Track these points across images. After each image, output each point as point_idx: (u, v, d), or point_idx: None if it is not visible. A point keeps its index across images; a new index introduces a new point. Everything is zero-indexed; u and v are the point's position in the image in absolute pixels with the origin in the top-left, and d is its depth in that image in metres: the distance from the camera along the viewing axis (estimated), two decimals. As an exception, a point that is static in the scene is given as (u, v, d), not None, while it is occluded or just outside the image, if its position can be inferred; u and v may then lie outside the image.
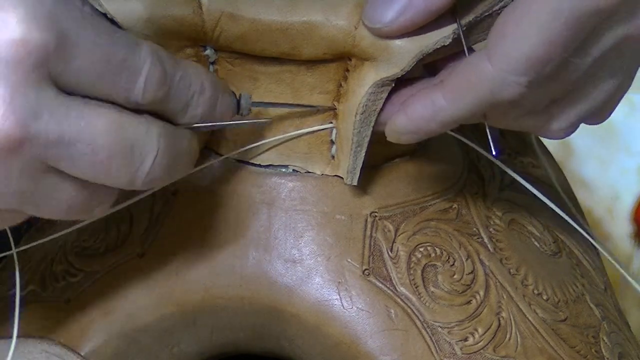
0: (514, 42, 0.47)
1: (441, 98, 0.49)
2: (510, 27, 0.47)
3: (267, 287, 0.56)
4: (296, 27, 0.52)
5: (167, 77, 0.47)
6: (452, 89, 0.49)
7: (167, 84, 0.47)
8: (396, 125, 0.52)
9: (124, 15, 0.51)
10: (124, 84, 0.45)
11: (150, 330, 0.57)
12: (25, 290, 0.58)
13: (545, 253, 0.60)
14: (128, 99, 0.46)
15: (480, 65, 0.48)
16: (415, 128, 0.51)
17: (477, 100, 0.48)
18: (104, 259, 0.57)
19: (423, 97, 0.50)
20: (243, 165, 0.57)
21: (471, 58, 0.49)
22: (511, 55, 0.47)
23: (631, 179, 1.30)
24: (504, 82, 0.47)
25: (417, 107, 0.50)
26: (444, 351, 0.54)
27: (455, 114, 0.50)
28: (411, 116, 0.51)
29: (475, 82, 0.48)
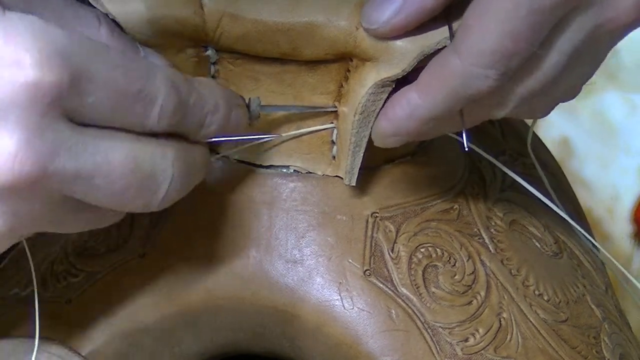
0: (478, 36, 0.47)
1: (416, 96, 0.50)
2: (474, 21, 0.47)
3: (268, 288, 0.56)
4: (297, 27, 0.52)
5: (182, 103, 0.47)
6: (425, 85, 0.50)
7: (181, 110, 0.47)
8: (378, 129, 0.52)
9: (125, 16, 0.51)
10: (139, 114, 0.45)
11: (151, 331, 0.57)
12: (26, 290, 0.58)
13: (546, 254, 0.60)
14: (143, 127, 0.46)
15: (449, 60, 0.48)
16: (396, 129, 0.51)
17: (450, 95, 0.49)
18: (105, 259, 0.57)
19: (399, 98, 0.51)
20: (244, 165, 0.57)
21: (441, 54, 0.49)
22: (477, 49, 0.47)
23: (631, 179, 1.30)
24: (472, 75, 0.48)
25: (395, 108, 0.51)
26: (444, 352, 0.54)
27: (430, 111, 0.50)
28: (390, 118, 0.51)
29: (445, 77, 0.49)
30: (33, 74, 0.41)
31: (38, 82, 0.41)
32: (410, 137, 0.52)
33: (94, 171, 0.44)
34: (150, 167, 0.46)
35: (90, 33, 0.47)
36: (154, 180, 0.46)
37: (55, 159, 0.43)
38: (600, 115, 1.33)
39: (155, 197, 0.47)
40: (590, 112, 1.33)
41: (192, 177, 0.49)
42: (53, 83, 0.42)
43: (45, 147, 0.42)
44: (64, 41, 0.42)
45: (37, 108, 0.42)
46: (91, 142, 0.44)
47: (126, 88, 0.44)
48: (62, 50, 0.42)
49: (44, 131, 0.42)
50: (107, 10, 0.51)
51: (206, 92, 0.49)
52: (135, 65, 0.45)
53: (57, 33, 0.42)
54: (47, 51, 0.42)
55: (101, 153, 0.44)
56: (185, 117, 0.48)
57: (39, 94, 0.41)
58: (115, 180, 0.45)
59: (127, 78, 0.44)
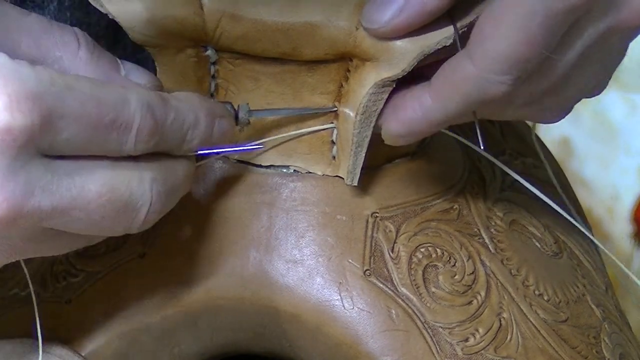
0: (493, 43, 0.47)
1: (429, 99, 0.50)
2: (489, 28, 0.47)
3: (268, 288, 0.56)
4: (297, 27, 0.52)
5: (159, 125, 0.47)
6: (439, 89, 0.50)
7: (158, 131, 0.47)
8: (389, 129, 0.52)
9: (125, 16, 0.51)
10: (115, 142, 0.45)
11: (151, 331, 0.57)
12: (25, 290, 0.58)
13: (546, 254, 0.60)
14: (120, 152, 0.46)
15: (464, 66, 0.48)
16: (407, 130, 0.51)
17: (464, 99, 0.49)
18: (105, 259, 0.57)
19: (411, 99, 0.51)
20: (244, 165, 0.57)
21: (454, 59, 0.49)
22: (491, 56, 0.47)
23: (631, 179, 1.30)
24: (487, 81, 0.48)
25: (407, 109, 0.51)
26: (444, 352, 0.54)
27: (444, 114, 0.50)
28: (402, 119, 0.51)
29: (459, 82, 0.49)
30: (3, 119, 0.41)
31: (8, 127, 0.41)
32: (421, 137, 0.52)
33: (70, 205, 0.44)
34: (128, 193, 0.46)
35: (69, 57, 0.47)
36: (132, 206, 0.46)
37: (30, 199, 0.43)
38: (600, 115, 1.33)
39: (136, 222, 0.47)
40: (591, 112, 1.33)
41: (175, 193, 0.49)
42: (24, 126, 0.42)
43: (19, 189, 0.42)
44: (34, 82, 0.42)
45: (8, 152, 0.42)
46: (65, 175, 0.44)
47: (99, 119, 0.44)
48: (32, 92, 0.42)
49: (17, 173, 0.42)
50: (107, 11, 0.51)
51: (185, 108, 0.49)
52: (108, 94, 0.45)
53: (27, 74, 0.42)
54: (17, 94, 0.41)
55: (76, 186, 0.44)
56: (164, 137, 0.47)
57: (9, 138, 0.41)
58: (93, 210, 0.45)
59: (100, 109, 0.44)
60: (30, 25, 0.46)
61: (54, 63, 0.46)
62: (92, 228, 0.46)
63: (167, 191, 0.48)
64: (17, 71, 0.42)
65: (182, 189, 0.50)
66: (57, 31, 0.47)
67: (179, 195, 0.50)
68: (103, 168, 0.45)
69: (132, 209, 0.46)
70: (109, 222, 0.46)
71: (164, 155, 0.48)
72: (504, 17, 0.47)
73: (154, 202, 0.47)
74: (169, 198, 0.49)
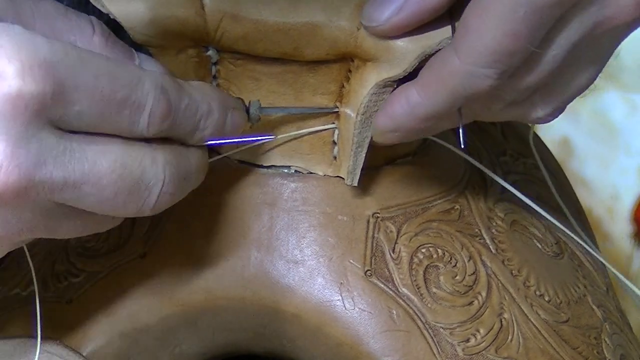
0: (477, 36, 0.47)
1: (415, 94, 0.50)
2: (473, 20, 0.47)
3: (269, 288, 0.56)
4: (298, 27, 0.52)
5: (172, 108, 0.47)
6: (425, 84, 0.50)
7: (171, 115, 0.47)
8: (377, 125, 0.52)
9: (126, 16, 0.51)
10: (127, 120, 0.45)
11: (151, 331, 0.57)
12: (26, 290, 0.58)
13: (547, 254, 0.60)
14: (132, 133, 0.46)
15: (449, 60, 0.48)
16: (396, 126, 0.51)
17: (450, 93, 0.49)
18: (106, 259, 0.57)
19: (399, 94, 0.51)
20: (245, 165, 0.57)
21: (441, 53, 0.49)
22: (476, 49, 0.47)
23: (631, 179, 1.30)
24: (472, 75, 0.48)
25: (394, 104, 0.51)
26: (445, 352, 0.54)
27: (430, 109, 0.50)
28: (390, 114, 0.51)
29: (445, 76, 0.49)
30: (15, 84, 0.41)
31: (20, 92, 0.41)
32: (409, 133, 0.52)
33: (82, 178, 0.44)
34: (140, 172, 0.46)
35: (84, 41, 0.47)
36: (144, 185, 0.46)
37: (42, 168, 0.43)
38: (600, 115, 1.33)
39: (148, 202, 0.47)
40: (591, 112, 1.33)
41: (187, 180, 0.49)
42: (36, 93, 0.42)
43: (31, 157, 0.42)
44: (47, 51, 0.42)
45: (20, 118, 0.42)
46: (78, 149, 0.44)
47: (112, 95, 0.44)
48: (46, 60, 0.42)
49: (28, 141, 0.42)
50: (109, 11, 0.51)
51: (199, 96, 0.49)
52: (122, 72, 0.45)
53: (41, 43, 0.42)
54: (30, 61, 0.41)
55: (89, 160, 0.44)
56: (177, 122, 0.47)
57: (21, 104, 0.41)
58: (105, 186, 0.45)
59: (113, 85, 0.44)
60: (44, 9, 0.46)
61: None
62: (104, 205, 0.46)
63: (179, 175, 0.48)
64: (31, 39, 0.42)
65: (194, 180, 0.50)
66: (73, 16, 0.47)
67: (191, 185, 0.50)
68: (115, 145, 0.45)
69: (144, 187, 0.46)
70: (121, 200, 0.46)
71: (177, 143, 0.48)
72: (489, 9, 0.47)
73: (167, 183, 0.47)
74: (182, 183, 0.48)
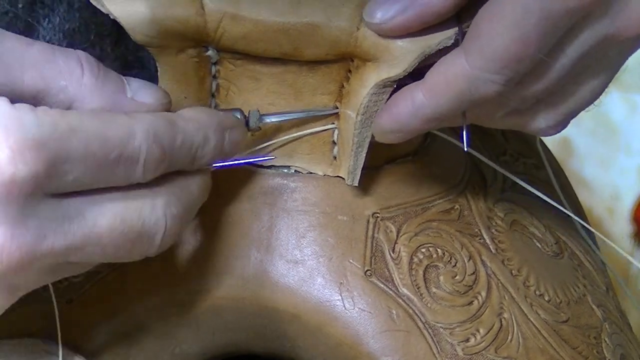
0: (487, 41, 0.47)
1: (421, 95, 0.50)
2: (484, 25, 0.47)
3: (269, 288, 0.56)
4: (298, 27, 0.52)
5: (166, 152, 0.46)
6: (431, 86, 0.49)
7: (166, 159, 0.46)
8: (380, 124, 0.52)
9: (126, 17, 0.51)
10: (122, 175, 0.45)
11: (152, 331, 0.57)
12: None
13: (547, 254, 0.60)
14: (129, 183, 0.45)
15: (457, 63, 0.48)
16: (398, 126, 0.51)
17: (455, 97, 0.49)
18: (106, 259, 0.57)
19: (404, 95, 0.51)
20: (245, 165, 0.57)
21: (449, 56, 0.49)
22: (485, 54, 0.47)
23: (631, 179, 1.30)
24: (479, 79, 0.48)
25: (399, 104, 0.51)
26: (445, 352, 0.54)
27: (435, 111, 0.50)
28: (394, 114, 0.51)
29: (452, 79, 0.48)
30: (7, 171, 0.41)
31: (13, 178, 0.41)
32: (411, 134, 0.52)
33: (83, 242, 0.44)
34: (140, 223, 0.46)
35: (74, 85, 0.46)
36: (146, 235, 0.46)
37: (43, 242, 0.43)
38: (600, 115, 1.33)
39: (151, 247, 0.47)
40: (591, 112, 1.33)
41: (192, 210, 0.49)
42: (29, 176, 0.41)
43: (30, 234, 0.42)
44: (36, 130, 0.42)
45: (15, 201, 0.42)
46: (75, 213, 0.44)
47: (105, 157, 0.44)
48: (35, 140, 0.41)
49: (26, 219, 0.42)
50: (108, 11, 0.51)
51: (192, 128, 0.48)
52: (113, 131, 0.44)
53: (29, 121, 0.42)
54: (20, 145, 0.41)
55: (88, 222, 0.44)
56: (173, 161, 0.47)
57: (15, 189, 0.41)
58: (107, 244, 0.45)
59: (105, 149, 0.44)
60: (33, 56, 0.46)
61: (59, 92, 0.46)
62: (108, 259, 0.46)
63: (182, 211, 0.48)
64: (18, 119, 0.41)
65: (199, 202, 0.50)
66: (61, 59, 0.46)
67: (196, 209, 0.50)
68: (113, 201, 0.45)
69: (146, 237, 0.46)
70: (125, 252, 0.46)
71: (177, 173, 0.48)
72: (500, 15, 0.47)
73: (169, 227, 0.47)
74: (185, 217, 0.48)
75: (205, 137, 0.49)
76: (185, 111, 0.49)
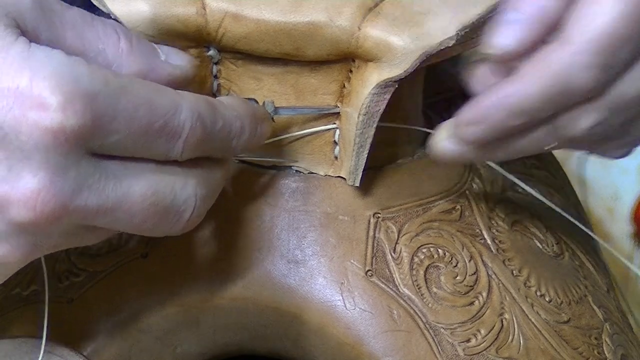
0: (587, 18, 0.45)
1: (508, 83, 0.48)
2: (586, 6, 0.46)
3: (270, 288, 0.56)
4: (300, 28, 0.52)
5: (207, 133, 0.47)
6: (520, 72, 0.47)
7: (206, 140, 0.47)
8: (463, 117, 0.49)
9: (128, 16, 0.51)
10: (163, 147, 0.45)
11: (153, 331, 0.57)
12: (27, 290, 0.58)
13: (548, 254, 0.60)
14: (167, 157, 0.46)
15: (551, 49, 0.46)
16: (482, 116, 0.49)
17: (546, 85, 0.47)
18: (107, 259, 0.57)
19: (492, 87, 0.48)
20: (246, 166, 0.57)
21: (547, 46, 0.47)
22: (584, 33, 0.45)
23: (631, 179, 1.30)
24: (574, 64, 0.46)
25: (485, 94, 0.48)
26: (446, 352, 0.54)
27: (521, 101, 0.47)
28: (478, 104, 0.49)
29: (543, 64, 0.47)
30: (57, 117, 0.41)
31: (62, 126, 0.41)
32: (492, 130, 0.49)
33: (115, 206, 0.44)
34: (171, 198, 0.46)
35: (112, 49, 0.46)
36: (175, 210, 0.46)
37: (78, 197, 0.43)
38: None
39: (178, 225, 0.47)
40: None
41: (215, 191, 0.49)
42: (76, 127, 0.42)
43: (68, 186, 0.42)
44: (88, 82, 0.42)
45: (60, 149, 0.42)
46: (113, 176, 0.44)
47: (150, 125, 0.44)
48: (87, 93, 0.42)
49: (67, 170, 0.42)
50: (110, 10, 0.51)
51: (232, 116, 0.48)
52: (161, 100, 0.44)
53: (83, 73, 0.42)
54: (72, 94, 0.41)
55: (122, 187, 0.44)
56: (210, 145, 0.47)
57: (62, 137, 0.42)
58: (136, 212, 0.45)
59: (151, 116, 0.44)
60: (73, 18, 0.46)
61: (98, 55, 0.46)
62: (132, 229, 0.46)
63: (208, 194, 0.48)
64: (73, 69, 0.42)
65: (219, 191, 0.50)
66: (99, 24, 0.47)
67: (215, 197, 0.50)
68: (149, 171, 0.45)
69: (174, 212, 0.46)
70: (150, 224, 0.46)
71: (206, 158, 0.48)
72: None
73: (198, 207, 0.47)
74: (210, 200, 0.49)
75: (242, 127, 0.49)
76: (225, 98, 0.50)
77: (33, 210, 0.42)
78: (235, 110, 0.49)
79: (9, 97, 0.41)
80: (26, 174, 0.42)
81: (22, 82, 0.41)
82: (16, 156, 0.42)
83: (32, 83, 0.41)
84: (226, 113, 0.48)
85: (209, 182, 0.48)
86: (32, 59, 0.42)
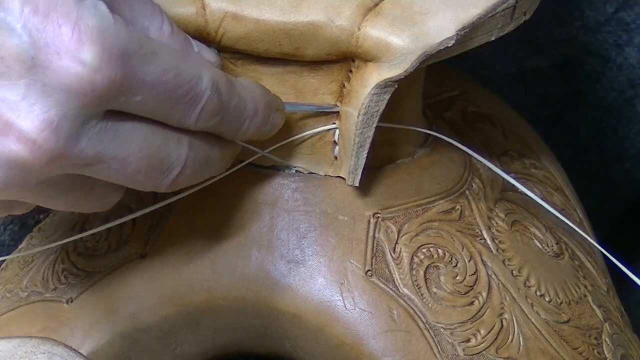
0: None
1: None
2: None
3: (270, 288, 0.56)
4: (299, 27, 0.52)
5: (222, 106, 0.47)
6: None
7: (220, 113, 0.48)
8: None
9: (128, 16, 0.51)
10: (180, 113, 0.46)
11: (152, 331, 0.57)
12: (27, 290, 0.58)
13: (548, 254, 0.60)
14: (180, 124, 0.47)
15: None
16: None
17: None
18: (107, 259, 0.57)
19: None
20: (246, 165, 0.57)
21: None
22: None
23: (631, 178, 1.30)
24: None
25: None
26: (446, 352, 0.54)
27: None
28: None
29: None
30: (89, 68, 0.42)
31: (92, 78, 0.42)
32: None
33: (111, 155, 0.45)
34: (166, 152, 0.47)
35: (155, 29, 0.47)
36: (166, 165, 0.47)
37: (76, 145, 0.43)
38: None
39: (165, 181, 0.48)
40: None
41: (208, 166, 0.50)
42: (106, 82, 0.42)
43: (72, 132, 0.43)
44: (126, 40, 0.43)
45: (82, 98, 0.42)
46: (113, 126, 0.44)
47: (174, 90, 0.45)
48: (122, 50, 0.43)
49: (76, 119, 0.43)
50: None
51: (248, 96, 0.49)
52: (187, 67, 0.46)
53: (121, 30, 0.43)
54: (108, 49, 0.42)
55: (120, 138, 0.45)
56: (224, 120, 0.48)
57: (89, 87, 0.42)
58: (130, 163, 0.45)
59: (177, 81, 0.45)
60: None
61: (142, 30, 0.47)
62: (123, 180, 0.46)
63: (201, 160, 0.49)
64: (113, 25, 0.43)
65: (216, 167, 0.51)
66: (149, 3, 0.48)
67: (211, 172, 0.51)
68: (146, 127, 0.46)
69: (165, 167, 0.47)
70: (141, 177, 0.46)
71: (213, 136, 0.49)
72: None
73: (187, 165, 0.48)
74: (202, 167, 0.49)
75: (255, 110, 0.50)
76: (243, 80, 0.51)
77: (32, 144, 0.42)
78: (251, 92, 0.50)
79: (50, 32, 0.42)
80: (38, 107, 0.42)
81: (66, 24, 0.42)
82: (36, 87, 0.42)
83: (75, 30, 0.42)
84: (242, 93, 0.49)
85: (204, 148, 0.49)
86: (82, 9, 0.42)
